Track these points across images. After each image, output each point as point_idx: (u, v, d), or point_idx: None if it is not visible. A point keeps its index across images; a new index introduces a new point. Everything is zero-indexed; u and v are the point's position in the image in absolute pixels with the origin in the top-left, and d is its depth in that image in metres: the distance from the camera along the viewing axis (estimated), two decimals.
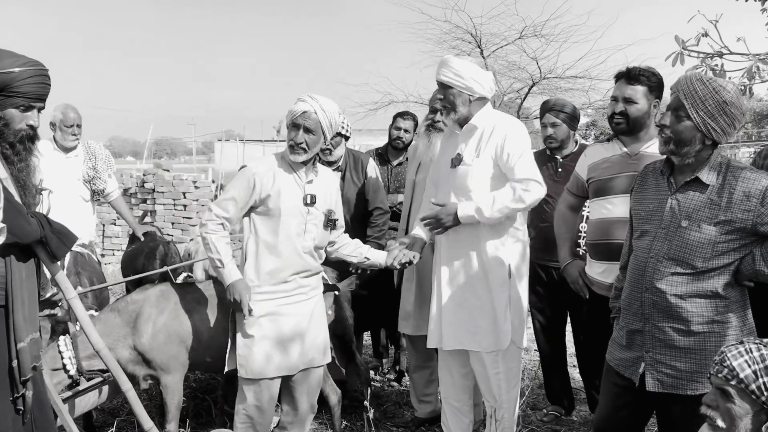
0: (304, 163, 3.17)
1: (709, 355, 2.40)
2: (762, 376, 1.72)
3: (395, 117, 5.03)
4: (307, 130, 3.08)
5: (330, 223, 3.29)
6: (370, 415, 3.28)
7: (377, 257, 3.46)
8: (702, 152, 2.42)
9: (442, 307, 3.33)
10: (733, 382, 1.78)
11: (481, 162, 3.23)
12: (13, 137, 2.27)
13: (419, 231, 3.44)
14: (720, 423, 1.84)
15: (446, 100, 3.29)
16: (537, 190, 3.08)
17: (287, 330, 3.17)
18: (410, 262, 3.37)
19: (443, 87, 3.29)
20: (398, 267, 3.37)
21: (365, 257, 3.46)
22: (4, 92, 2.20)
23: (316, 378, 3.36)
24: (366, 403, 3.27)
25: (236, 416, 3.24)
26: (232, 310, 3.19)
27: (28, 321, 2.27)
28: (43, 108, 2.36)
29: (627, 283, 2.64)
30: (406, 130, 4.92)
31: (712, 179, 2.40)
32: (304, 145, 3.09)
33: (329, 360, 3.41)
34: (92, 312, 3.40)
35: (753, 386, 1.73)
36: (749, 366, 1.74)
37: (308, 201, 3.19)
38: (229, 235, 3.19)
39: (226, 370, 3.22)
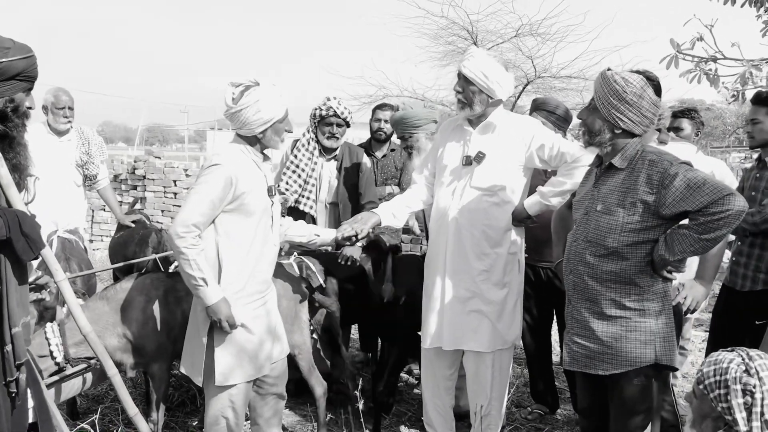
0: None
1: (620, 339, 2.53)
2: (720, 388, 1.80)
3: (374, 110, 5.17)
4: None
5: (285, 210, 3.12)
6: (360, 406, 3.26)
7: (328, 234, 3.45)
8: (616, 141, 2.59)
9: (444, 307, 3.33)
10: (701, 386, 1.87)
11: (506, 160, 3.28)
12: (21, 120, 2.29)
13: (381, 210, 3.45)
14: (688, 418, 1.95)
15: (465, 94, 3.25)
16: (585, 157, 3.20)
17: (263, 330, 3.04)
18: (356, 237, 3.36)
19: (465, 80, 3.23)
20: (341, 239, 3.36)
21: (315, 234, 3.44)
22: (18, 77, 2.22)
23: (281, 368, 3.26)
24: (357, 392, 3.23)
25: (210, 421, 3.04)
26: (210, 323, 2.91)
27: (20, 306, 2.26)
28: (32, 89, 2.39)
29: None
30: (385, 121, 5.02)
31: (624, 164, 2.56)
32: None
33: (288, 351, 3.29)
34: (80, 301, 3.38)
35: (711, 395, 1.82)
36: (714, 375, 1.82)
37: (272, 192, 3.07)
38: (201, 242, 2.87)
39: (200, 381, 2.98)
